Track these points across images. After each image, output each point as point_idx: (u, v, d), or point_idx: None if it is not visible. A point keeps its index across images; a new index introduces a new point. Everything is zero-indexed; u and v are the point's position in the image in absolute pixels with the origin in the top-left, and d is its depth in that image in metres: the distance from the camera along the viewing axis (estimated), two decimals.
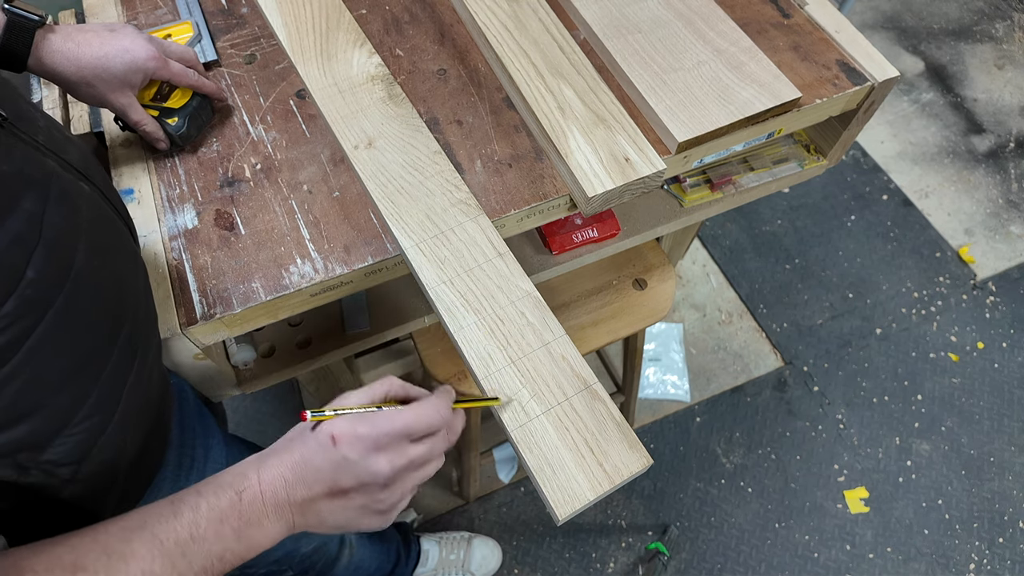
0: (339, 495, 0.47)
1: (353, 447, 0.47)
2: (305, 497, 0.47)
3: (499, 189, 0.70)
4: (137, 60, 0.63)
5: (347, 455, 0.47)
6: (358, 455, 0.47)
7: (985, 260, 1.82)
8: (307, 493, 0.47)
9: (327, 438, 0.47)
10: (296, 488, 0.47)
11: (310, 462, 0.47)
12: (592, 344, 1.01)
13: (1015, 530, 1.46)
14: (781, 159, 0.94)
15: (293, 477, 0.47)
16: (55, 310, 0.42)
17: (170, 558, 0.43)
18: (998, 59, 2.23)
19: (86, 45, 0.61)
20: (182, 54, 0.69)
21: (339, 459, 0.47)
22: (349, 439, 0.47)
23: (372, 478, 0.47)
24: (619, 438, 0.55)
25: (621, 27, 0.78)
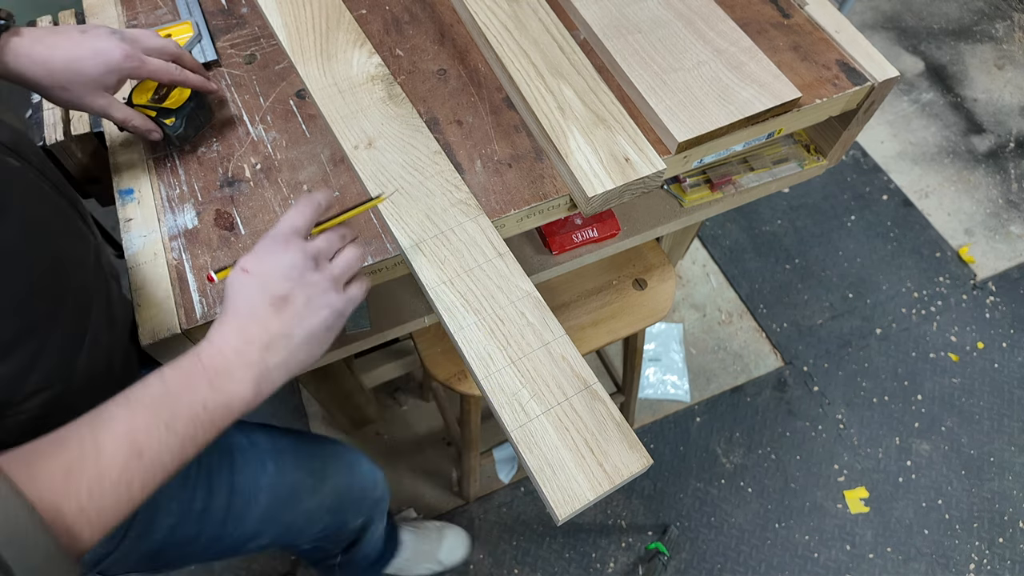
0: (281, 304, 0.49)
1: (260, 260, 0.50)
2: (258, 330, 0.48)
3: (499, 189, 0.70)
4: (111, 61, 0.61)
5: (261, 269, 0.50)
6: (268, 262, 0.50)
7: (985, 260, 1.82)
8: (257, 325, 0.49)
9: (238, 273, 0.50)
10: (246, 328, 0.48)
11: (240, 300, 0.49)
12: (592, 344, 1.01)
13: (1015, 530, 1.46)
14: (781, 159, 0.94)
15: (238, 322, 0.49)
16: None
17: (150, 410, 0.44)
18: (998, 59, 2.23)
19: (57, 48, 0.59)
20: (162, 48, 0.66)
21: (257, 278, 0.50)
22: (253, 258, 0.50)
23: (291, 265, 0.50)
24: (619, 438, 0.55)
25: (621, 27, 0.78)
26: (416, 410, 1.58)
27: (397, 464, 1.51)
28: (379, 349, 1.33)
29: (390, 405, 1.58)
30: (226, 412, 0.47)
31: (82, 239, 0.56)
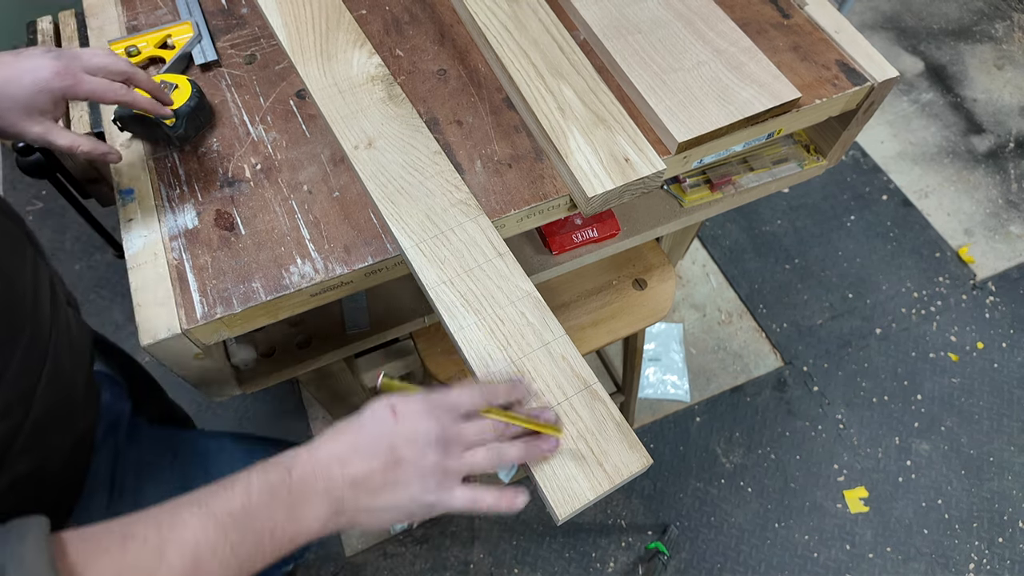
0: (394, 464, 0.47)
1: (409, 412, 0.48)
2: (360, 472, 0.47)
3: (499, 189, 0.70)
4: (40, 79, 0.56)
5: (403, 419, 0.48)
6: (413, 419, 0.48)
7: (985, 260, 1.82)
8: (363, 467, 0.47)
9: (387, 410, 0.48)
10: (351, 462, 0.47)
11: (367, 432, 0.48)
12: (592, 344, 1.01)
13: (1015, 530, 1.46)
14: (781, 159, 0.94)
15: (348, 452, 0.47)
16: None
17: (223, 528, 0.43)
18: (998, 59, 2.23)
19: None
20: (108, 67, 0.60)
21: (394, 427, 0.48)
22: (406, 410, 0.48)
23: (426, 437, 0.48)
24: (619, 438, 0.55)
25: (621, 27, 0.78)
26: None
27: None
28: (379, 349, 1.33)
29: None
30: (289, 543, 0.46)
31: (34, 266, 0.55)
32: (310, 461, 0.46)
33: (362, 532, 1.43)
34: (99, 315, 1.67)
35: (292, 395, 1.59)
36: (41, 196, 1.87)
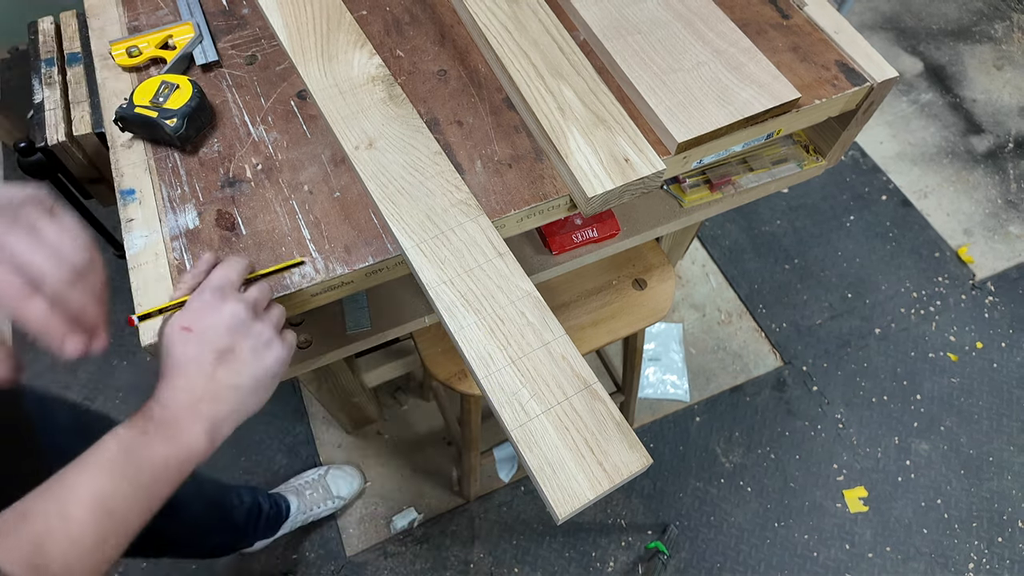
0: (227, 355, 0.51)
1: (199, 316, 0.52)
2: (205, 384, 0.50)
3: (499, 189, 0.70)
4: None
5: (201, 325, 0.51)
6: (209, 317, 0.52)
7: (984, 260, 1.83)
8: (203, 379, 0.50)
9: (178, 331, 0.51)
10: (193, 383, 0.50)
11: (184, 357, 0.51)
12: (592, 344, 1.01)
13: (1014, 529, 1.47)
14: (780, 159, 0.94)
15: (184, 380, 0.50)
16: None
17: (112, 471, 0.45)
18: (997, 60, 2.23)
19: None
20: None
21: (198, 334, 0.51)
22: (191, 315, 0.52)
23: (232, 317, 0.52)
24: (619, 438, 0.55)
25: (621, 28, 0.78)
26: (416, 410, 1.58)
27: (397, 464, 1.52)
28: (379, 349, 1.34)
29: (390, 405, 1.58)
30: (185, 464, 0.48)
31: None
32: (160, 402, 0.49)
33: (359, 529, 1.43)
34: None
35: (292, 395, 1.59)
36: None
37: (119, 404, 1.56)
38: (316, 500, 1.40)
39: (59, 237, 0.47)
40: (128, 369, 1.61)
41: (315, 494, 1.40)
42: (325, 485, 1.41)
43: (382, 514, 1.46)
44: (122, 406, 1.56)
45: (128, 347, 1.63)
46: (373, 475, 1.50)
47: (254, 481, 1.48)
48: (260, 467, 1.50)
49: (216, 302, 0.53)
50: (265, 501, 1.29)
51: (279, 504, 1.34)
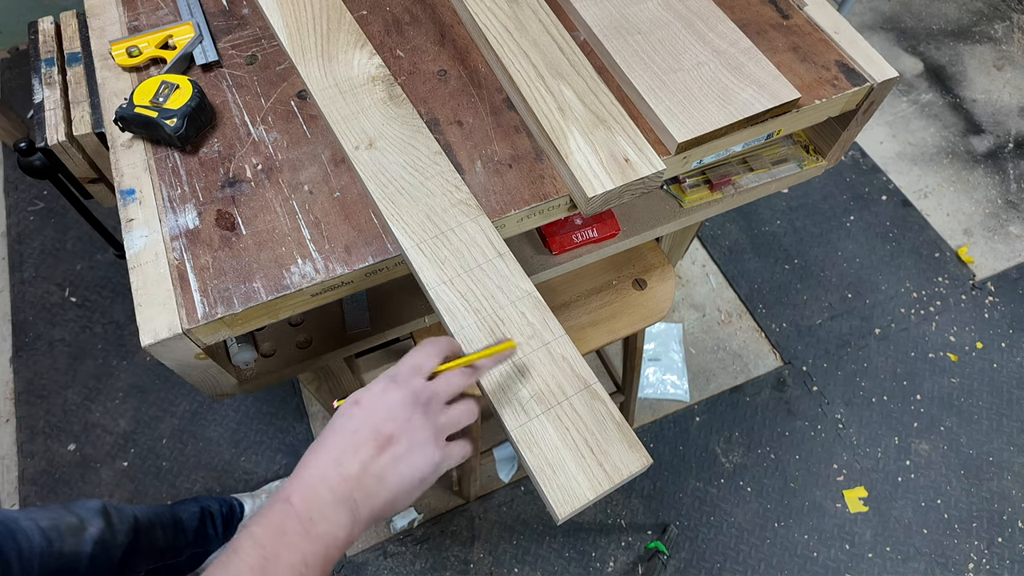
0: (385, 444, 0.48)
1: (375, 395, 0.49)
2: (357, 465, 0.47)
3: (499, 189, 0.70)
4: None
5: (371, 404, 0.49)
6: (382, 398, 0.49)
7: (984, 260, 1.83)
8: (356, 461, 0.47)
9: (350, 406, 0.49)
10: (344, 463, 0.47)
11: (345, 433, 0.48)
12: (592, 344, 1.01)
13: (1014, 530, 1.47)
14: (780, 160, 0.94)
15: (336, 455, 0.47)
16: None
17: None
18: (997, 60, 2.23)
19: None
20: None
21: (366, 412, 0.48)
22: (368, 394, 0.49)
23: (402, 405, 0.49)
24: (619, 438, 0.55)
25: (621, 28, 0.78)
26: None
27: None
28: (379, 349, 1.34)
29: None
30: (325, 560, 0.45)
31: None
32: (304, 483, 0.46)
33: None
34: (100, 315, 1.67)
35: (293, 395, 1.59)
36: (43, 196, 1.87)
37: (119, 404, 1.56)
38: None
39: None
40: (128, 369, 1.61)
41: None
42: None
43: None
44: (121, 407, 1.56)
45: (128, 347, 1.63)
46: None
47: (254, 480, 1.48)
48: (260, 467, 1.50)
49: (390, 386, 0.49)
50: (213, 503, 1.30)
51: (230, 504, 1.33)
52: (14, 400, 1.58)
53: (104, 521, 0.97)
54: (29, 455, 1.51)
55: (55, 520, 0.89)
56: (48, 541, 0.85)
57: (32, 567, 0.82)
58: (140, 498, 1.46)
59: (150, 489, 1.47)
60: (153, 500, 1.46)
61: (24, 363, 1.62)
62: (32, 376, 1.60)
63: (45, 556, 0.84)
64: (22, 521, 0.84)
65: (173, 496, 1.46)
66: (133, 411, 1.56)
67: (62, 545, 0.87)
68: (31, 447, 1.52)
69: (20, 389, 1.59)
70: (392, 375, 0.50)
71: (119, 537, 0.99)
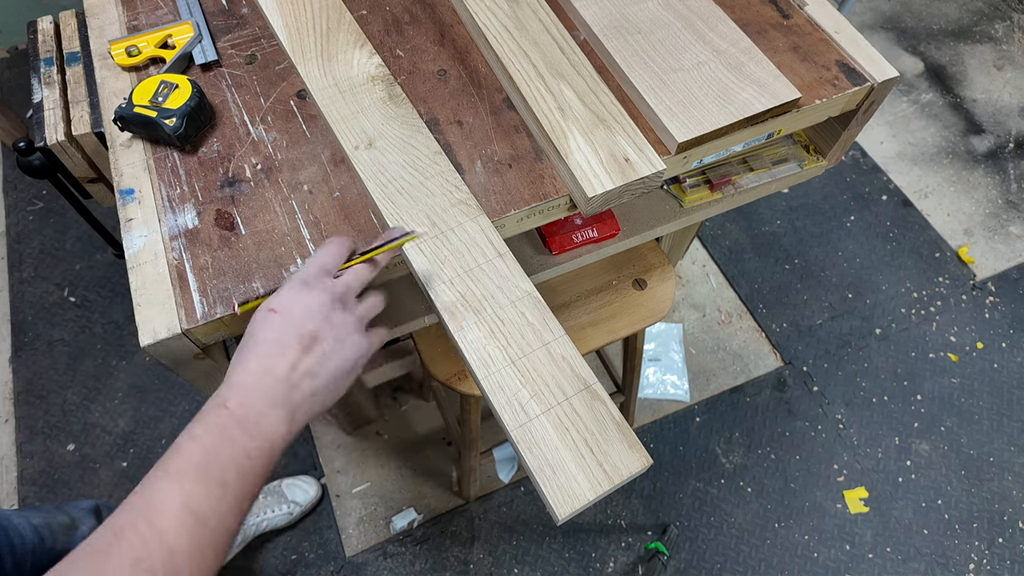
0: (310, 343, 0.50)
1: (289, 299, 0.50)
2: (285, 367, 0.48)
3: (499, 189, 0.70)
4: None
5: (289, 308, 0.50)
6: (297, 301, 0.50)
7: (984, 260, 1.83)
8: (284, 362, 0.48)
9: (266, 313, 0.50)
10: (272, 365, 0.48)
11: (267, 337, 0.49)
12: (592, 344, 1.01)
13: (1015, 530, 1.47)
14: (780, 159, 0.94)
15: (264, 360, 0.48)
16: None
17: (198, 476, 0.43)
18: (997, 60, 2.23)
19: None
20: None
21: (285, 316, 0.50)
22: (282, 299, 0.51)
23: (319, 305, 0.50)
24: (619, 438, 0.55)
25: (621, 28, 0.78)
26: (416, 410, 1.58)
27: (397, 464, 1.51)
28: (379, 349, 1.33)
29: (390, 405, 1.58)
30: (269, 454, 0.47)
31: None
32: (237, 388, 0.48)
33: (359, 530, 1.43)
34: (99, 315, 1.67)
35: None
36: (42, 196, 1.87)
37: (118, 404, 1.56)
38: (268, 504, 1.39)
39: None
40: (127, 369, 1.61)
41: (265, 499, 1.40)
42: (279, 492, 1.41)
43: (382, 514, 1.45)
44: (121, 407, 1.56)
45: (128, 347, 1.63)
46: (372, 475, 1.50)
47: None
48: None
49: (305, 287, 0.51)
50: None
51: None
52: (13, 400, 1.58)
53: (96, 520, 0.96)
54: (28, 455, 1.51)
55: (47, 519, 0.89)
56: (40, 539, 0.85)
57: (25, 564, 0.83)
58: None
59: None
60: None
61: (23, 363, 1.62)
62: (31, 376, 1.60)
63: (37, 553, 0.84)
64: (14, 519, 0.84)
65: None
66: (132, 411, 1.56)
67: (54, 543, 0.88)
68: (30, 447, 1.52)
69: (19, 389, 1.59)
70: (302, 278, 0.52)
71: None
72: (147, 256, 0.65)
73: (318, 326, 0.50)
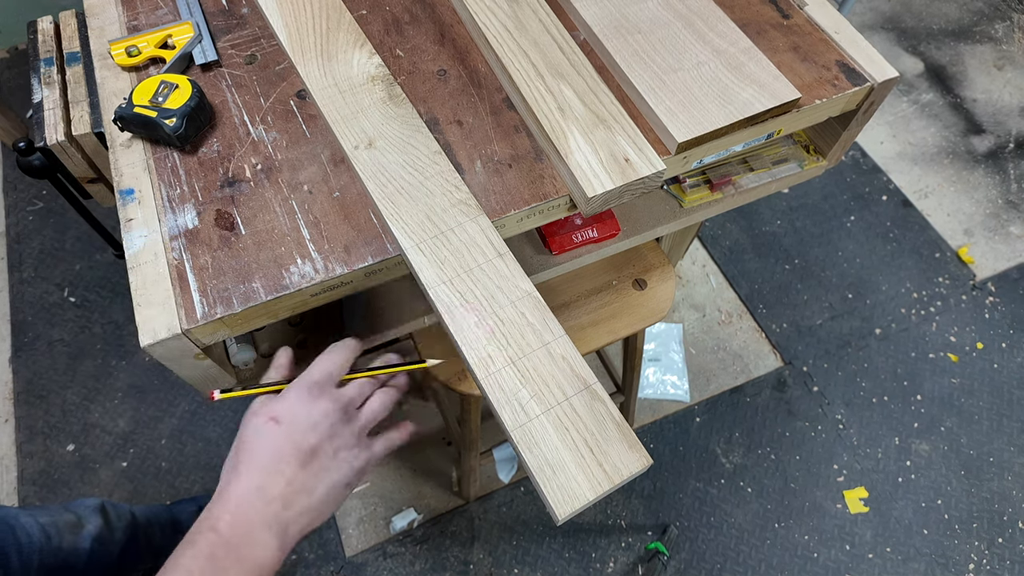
0: (310, 458, 0.48)
1: (293, 410, 0.48)
2: (280, 485, 0.46)
3: (499, 189, 0.70)
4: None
5: (292, 419, 0.48)
6: (301, 412, 0.48)
7: (984, 260, 1.83)
8: (280, 480, 0.46)
9: (266, 422, 0.48)
10: (267, 484, 0.46)
11: (264, 451, 0.47)
12: (592, 344, 1.01)
13: (1014, 530, 1.47)
14: (781, 160, 0.94)
15: (259, 478, 0.46)
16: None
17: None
18: (997, 60, 2.23)
19: None
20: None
21: (286, 428, 0.47)
22: (283, 406, 0.48)
23: (324, 416, 0.48)
24: (619, 438, 0.55)
25: (621, 28, 0.78)
26: (416, 410, 1.58)
27: (397, 464, 1.51)
28: (379, 349, 1.33)
29: None
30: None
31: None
32: (228, 509, 0.45)
33: (359, 530, 1.43)
34: (99, 315, 1.67)
35: None
36: (41, 196, 1.87)
37: (118, 404, 1.56)
38: None
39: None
40: (127, 369, 1.61)
41: None
42: None
43: (381, 514, 1.45)
44: (121, 407, 1.56)
45: (127, 347, 1.63)
46: (372, 475, 1.50)
47: None
48: None
49: (310, 397, 0.49)
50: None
51: None
52: (13, 400, 1.58)
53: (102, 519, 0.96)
54: (28, 455, 1.51)
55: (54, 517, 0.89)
56: (47, 537, 0.85)
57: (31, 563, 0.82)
58: (139, 498, 1.46)
59: (149, 489, 1.47)
60: (152, 500, 1.46)
61: (23, 363, 1.62)
62: (31, 376, 1.60)
63: (44, 552, 0.84)
64: (21, 517, 0.84)
65: (172, 496, 1.46)
66: (132, 411, 1.56)
67: (60, 542, 0.87)
68: (30, 447, 1.52)
69: (19, 389, 1.59)
70: (307, 385, 0.49)
71: (117, 535, 0.98)
72: (147, 256, 0.65)
73: (319, 440, 0.48)
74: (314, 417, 0.48)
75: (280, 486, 0.46)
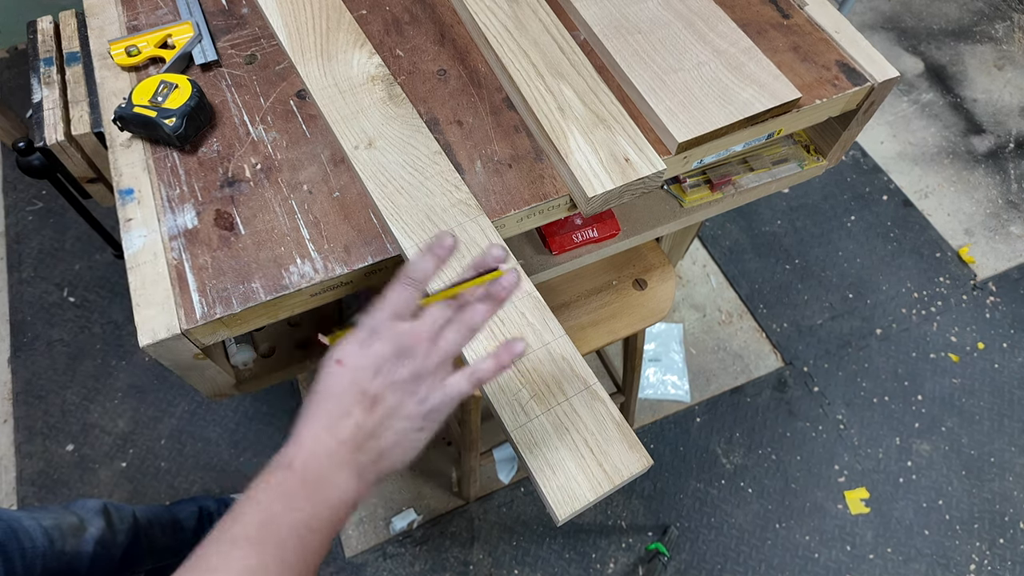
0: (373, 403, 0.46)
1: (355, 353, 0.47)
2: (350, 429, 0.45)
3: (499, 189, 0.70)
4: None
5: (353, 362, 0.46)
6: (360, 354, 0.46)
7: (985, 260, 1.82)
8: (350, 424, 0.46)
9: (333, 366, 0.47)
10: (337, 426, 0.45)
11: (333, 396, 0.46)
12: (592, 344, 1.01)
13: (1015, 531, 1.46)
14: (781, 159, 0.94)
15: (328, 422, 0.46)
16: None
17: (256, 546, 0.42)
18: (998, 60, 2.23)
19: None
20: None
21: (350, 372, 0.46)
22: (348, 350, 0.47)
23: (382, 359, 0.46)
24: (619, 438, 0.55)
25: (621, 28, 0.78)
26: None
27: None
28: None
29: None
30: (332, 524, 0.44)
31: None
32: (302, 448, 0.45)
33: (358, 530, 1.43)
34: (99, 315, 1.67)
35: (292, 395, 1.59)
36: (41, 196, 1.87)
37: (117, 405, 1.56)
38: None
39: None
40: (127, 369, 1.60)
41: None
42: None
43: (381, 515, 1.45)
44: (120, 407, 1.56)
45: (127, 347, 1.63)
46: None
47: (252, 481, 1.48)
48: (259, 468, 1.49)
49: (369, 339, 0.47)
50: (211, 503, 1.31)
51: (229, 504, 1.33)
52: (12, 400, 1.57)
53: (104, 521, 0.96)
54: (27, 456, 1.51)
55: (57, 520, 0.89)
56: (50, 541, 0.85)
57: (35, 567, 0.82)
58: (139, 498, 1.46)
59: (149, 490, 1.47)
60: (152, 500, 1.46)
61: (22, 363, 1.62)
62: (30, 376, 1.60)
63: (48, 556, 0.84)
64: (24, 521, 0.84)
65: (172, 496, 1.46)
66: (132, 411, 1.56)
67: (64, 545, 0.87)
68: (29, 448, 1.51)
69: (18, 389, 1.59)
70: (371, 327, 0.47)
71: (119, 537, 0.98)
72: (146, 256, 0.65)
73: (382, 383, 0.46)
74: (373, 359, 0.46)
75: (350, 428, 0.46)
